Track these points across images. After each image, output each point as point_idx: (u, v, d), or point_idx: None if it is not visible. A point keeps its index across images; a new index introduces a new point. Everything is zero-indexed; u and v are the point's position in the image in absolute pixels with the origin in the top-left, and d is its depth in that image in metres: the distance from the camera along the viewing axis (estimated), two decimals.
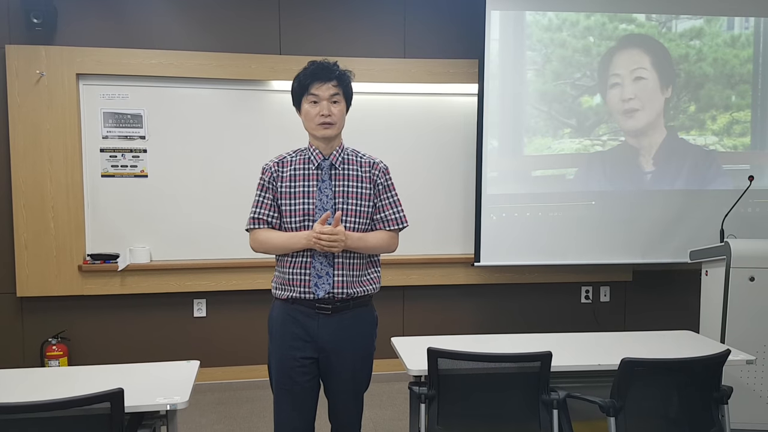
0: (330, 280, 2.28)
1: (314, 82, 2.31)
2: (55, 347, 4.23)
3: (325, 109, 2.30)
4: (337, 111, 2.32)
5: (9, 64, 4.13)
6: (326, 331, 2.31)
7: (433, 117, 4.72)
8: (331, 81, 2.31)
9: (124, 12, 4.31)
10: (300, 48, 4.48)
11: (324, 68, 2.32)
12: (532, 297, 4.91)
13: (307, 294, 2.29)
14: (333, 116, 2.31)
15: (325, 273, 2.29)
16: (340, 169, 2.36)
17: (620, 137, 4.58)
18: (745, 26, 4.61)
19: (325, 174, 2.34)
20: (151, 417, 2.18)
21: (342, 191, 2.34)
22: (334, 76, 2.31)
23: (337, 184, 2.34)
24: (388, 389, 4.35)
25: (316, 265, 2.29)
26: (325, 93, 2.30)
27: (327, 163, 2.35)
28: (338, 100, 2.33)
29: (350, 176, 2.36)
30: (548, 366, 2.35)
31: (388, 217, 2.40)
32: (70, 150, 4.24)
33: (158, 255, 4.47)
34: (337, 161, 2.36)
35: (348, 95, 2.38)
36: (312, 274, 2.29)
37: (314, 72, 2.31)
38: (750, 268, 3.47)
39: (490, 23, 4.41)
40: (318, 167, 2.34)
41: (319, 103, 2.30)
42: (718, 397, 2.43)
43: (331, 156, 2.36)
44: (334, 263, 2.29)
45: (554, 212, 4.58)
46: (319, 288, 2.28)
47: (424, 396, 2.37)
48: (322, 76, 2.30)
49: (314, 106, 2.31)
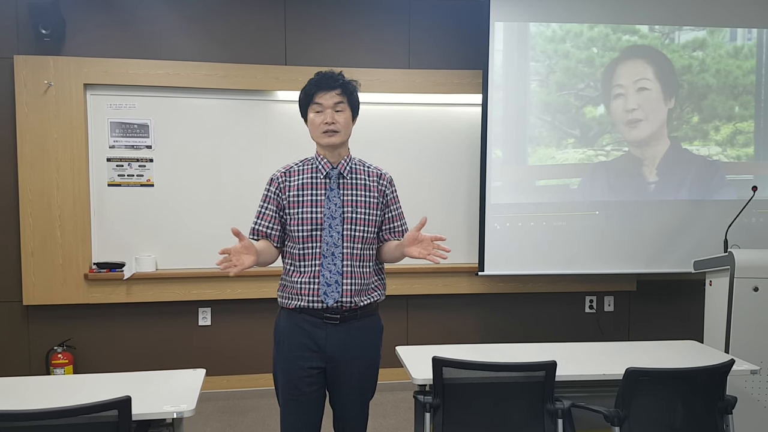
0: (339, 288, 2.29)
1: (318, 91, 2.32)
2: (60, 355, 4.24)
3: (329, 117, 2.30)
4: (341, 119, 2.32)
5: (17, 74, 4.17)
6: (334, 341, 2.31)
7: (437, 127, 4.75)
8: (335, 89, 2.32)
9: (131, 23, 4.35)
10: (305, 58, 4.51)
11: (328, 77, 2.34)
12: (536, 306, 4.91)
13: (316, 303, 2.29)
14: (337, 124, 2.31)
15: (335, 282, 2.29)
16: (349, 178, 2.37)
17: (624, 147, 4.60)
18: (748, 37, 4.63)
19: (333, 183, 2.35)
20: (157, 425, 2.18)
21: (351, 200, 2.34)
22: (337, 85, 2.33)
23: (345, 193, 2.35)
24: (392, 398, 4.34)
25: (325, 273, 2.29)
26: (329, 101, 2.31)
27: (335, 172, 2.36)
28: (342, 108, 2.33)
29: (359, 185, 2.37)
30: (553, 375, 2.35)
31: (397, 228, 2.44)
32: (77, 159, 4.27)
33: (164, 264, 4.49)
34: (345, 170, 2.37)
35: (353, 104, 2.38)
36: (321, 283, 2.29)
37: (318, 81, 2.33)
38: (754, 278, 3.47)
39: (494, 34, 4.44)
40: (326, 176, 2.35)
41: (323, 112, 2.31)
42: (722, 406, 2.43)
43: (339, 165, 2.37)
44: (343, 272, 2.30)
45: (558, 222, 4.59)
46: (328, 296, 2.28)
47: (428, 405, 2.38)
48: (325, 85, 2.32)
49: (318, 115, 2.33)
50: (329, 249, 2.30)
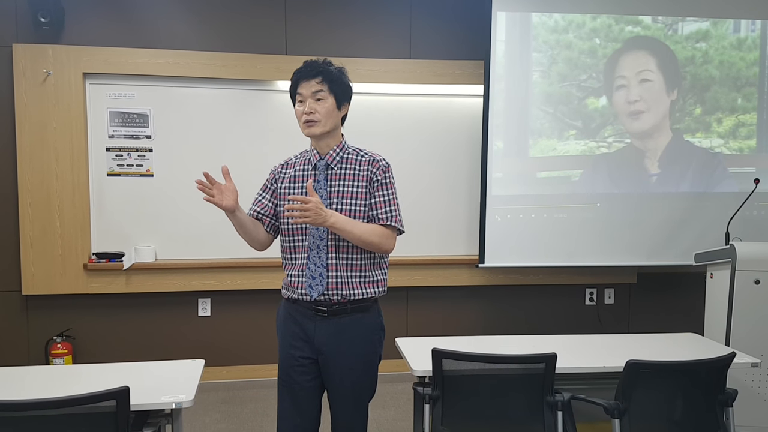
0: (324, 281, 2.26)
1: (300, 80, 2.27)
2: (59, 345, 4.24)
3: (308, 107, 2.24)
4: (321, 108, 2.24)
5: (16, 62, 4.15)
6: (323, 334, 2.29)
7: (438, 118, 4.72)
8: (315, 78, 2.24)
9: (130, 12, 4.33)
10: (305, 48, 4.48)
11: (308, 66, 2.27)
12: (536, 298, 4.91)
13: (304, 296, 2.29)
14: (316, 114, 2.24)
15: (319, 274, 2.26)
16: (336, 168, 2.31)
17: (626, 139, 4.58)
18: (752, 29, 4.60)
19: (321, 174, 2.31)
20: (156, 415, 2.18)
21: (337, 191, 2.29)
22: (316, 72, 2.24)
23: (332, 184, 2.30)
24: (392, 390, 4.35)
25: (311, 266, 2.27)
26: (308, 90, 2.25)
27: (322, 163, 2.32)
28: (323, 96, 2.24)
29: (346, 176, 2.30)
30: (553, 367, 2.35)
31: (379, 214, 2.28)
32: (76, 149, 4.25)
33: (163, 254, 4.48)
34: (333, 161, 2.31)
35: (337, 91, 2.27)
36: (306, 275, 2.28)
37: (299, 70, 2.28)
38: (755, 271, 3.47)
39: (496, 24, 4.41)
40: (314, 167, 2.33)
41: (304, 102, 2.26)
42: (722, 399, 2.43)
43: (326, 156, 2.32)
44: (327, 265, 2.27)
45: (559, 214, 4.57)
46: (313, 289, 2.27)
47: (428, 397, 2.37)
48: (305, 74, 2.26)
49: (300, 104, 2.28)
50: (315, 242, 2.28)
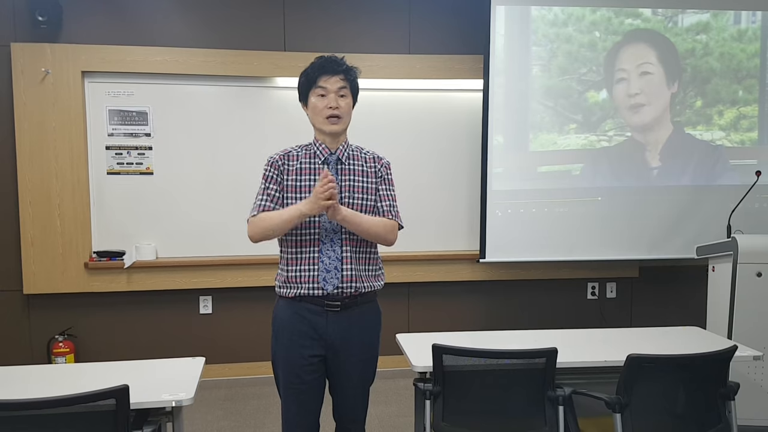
0: (339, 274, 2.28)
1: (322, 75, 2.30)
2: (61, 344, 4.25)
3: (333, 101, 2.29)
4: (344, 104, 2.32)
5: (14, 62, 4.14)
6: (335, 329, 2.30)
7: (437, 113, 4.71)
8: (339, 74, 2.31)
9: (128, 10, 4.32)
10: (304, 44, 4.47)
11: (332, 62, 2.32)
12: (537, 293, 4.90)
13: (316, 290, 2.28)
14: (340, 109, 2.30)
15: (334, 267, 2.28)
16: (347, 164, 2.36)
17: (626, 133, 4.56)
18: (752, 20, 4.57)
19: (331, 169, 2.34)
20: (156, 413, 2.18)
21: (348, 185, 2.33)
22: (341, 70, 2.31)
23: (343, 179, 2.34)
24: (393, 385, 4.35)
25: (324, 260, 2.28)
26: (333, 86, 2.30)
27: (334, 157, 2.35)
28: (345, 93, 2.32)
29: (356, 171, 2.36)
30: (554, 362, 2.34)
31: (384, 207, 2.37)
32: (75, 147, 4.25)
33: (164, 252, 4.48)
34: (343, 156, 2.36)
35: (354, 91, 2.38)
36: (320, 269, 2.28)
37: (322, 65, 2.31)
38: (757, 263, 3.45)
39: (495, 18, 4.39)
40: (324, 162, 2.34)
41: (327, 96, 2.30)
42: (724, 393, 2.42)
43: (337, 151, 2.36)
44: (342, 257, 2.29)
45: (560, 208, 4.56)
46: (327, 283, 2.27)
47: (429, 392, 2.37)
48: (329, 69, 2.30)
49: (322, 99, 2.30)
50: (328, 235, 2.29)
